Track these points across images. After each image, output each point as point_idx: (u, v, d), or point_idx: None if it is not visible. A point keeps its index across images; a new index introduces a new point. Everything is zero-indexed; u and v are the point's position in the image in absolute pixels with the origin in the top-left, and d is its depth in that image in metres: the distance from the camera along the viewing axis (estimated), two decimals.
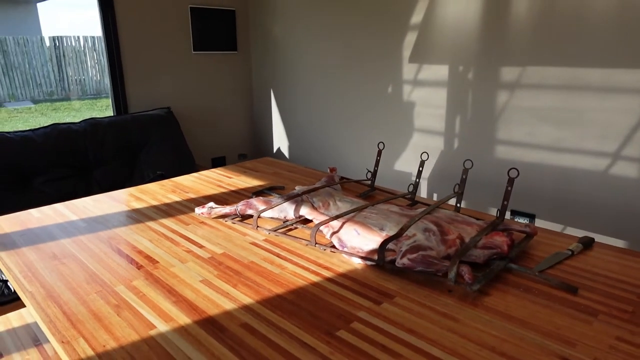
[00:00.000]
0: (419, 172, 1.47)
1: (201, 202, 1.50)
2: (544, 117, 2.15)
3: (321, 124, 3.18)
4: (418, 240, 1.04)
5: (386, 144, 2.73)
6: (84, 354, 0.77)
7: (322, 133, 3.18)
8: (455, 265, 0.93)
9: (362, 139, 2.90)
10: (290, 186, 1.65)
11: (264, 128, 3.66)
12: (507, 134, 2.27)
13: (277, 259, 1.10)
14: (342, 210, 1.28)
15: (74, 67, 8.81)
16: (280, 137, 3.54)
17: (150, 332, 0.83)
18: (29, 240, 1.21)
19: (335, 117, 3.06)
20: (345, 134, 3.01)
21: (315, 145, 3.25)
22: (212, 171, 1.89)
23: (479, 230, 1.11)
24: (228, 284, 0.98)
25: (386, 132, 2.76)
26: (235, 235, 1.24)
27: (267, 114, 3.59)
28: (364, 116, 2.88)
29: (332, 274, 1.03)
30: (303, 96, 3.27)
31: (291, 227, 1.28)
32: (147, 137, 2.74)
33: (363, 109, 2.87)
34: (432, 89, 2.52)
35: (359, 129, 2.92)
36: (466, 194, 2.39)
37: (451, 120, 2.46)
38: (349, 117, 2.97)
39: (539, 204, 2.22)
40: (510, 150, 2.27)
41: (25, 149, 2.34)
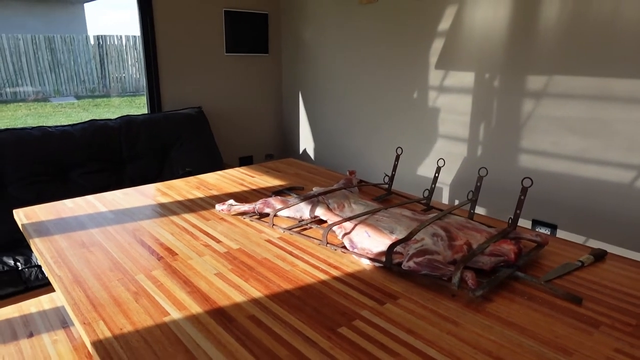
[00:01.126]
0: (435, 178, 1.48)
1: (223, 199, 1.54)
2: (570, 126, 2.12)
3: (346, 127, 3.20)
4: (425, 245, 1.04)
5: (410, 149, 2.73)
6: (102, 335, 0.82)
7: (346, 137, 3.20)
8: (460, 271, 0.94)
9: (386, 143, 2.90)
10: (309, 187, 1.67)
11: (291, 130, 3.71)
12: (531, 143, 2.24)
13: (289, 257, 1.12)
14: (355, 213, 1.29)
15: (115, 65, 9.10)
16: (307, 139, 3.58)
17: (164, 318, 0.87)
18: (61, 228, 1.28)
19: (361, 121, 3.08)
20: (370, 139, 3.02)
21: (339, 148, 3.27)
22: (236, 170, 1.92)
23: (488, 237, 1.11)
24: (240, 278, 1.01)
25: (410, 137, 2.76)
26: (251, 232, 1.26)
27: (295, 117, 3.63)
28: (389, 121, 2.88)
29: (340, 273, 1.05)
30: (330, 100, 3.30)
31: (306, 227, 1.30)
32: (178, 135, 2.82)
33: (388, 114, 2.88)
34: (457, 95, 2.51)
35: (383, 134, 2.93)
36: (487, 202, 2.37)
37: (475, 128, 2.44)
38: (375, 122, 2.98)
39: (561, 214, 2.19)
40: (534, 159, 2.24)
41: (65, 143, 2.45)
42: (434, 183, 1.48)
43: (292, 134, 3.71)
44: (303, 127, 3.59)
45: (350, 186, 1.52)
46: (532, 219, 2.27)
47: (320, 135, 3.46)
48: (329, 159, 3.35)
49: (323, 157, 3.45)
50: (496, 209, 2.37)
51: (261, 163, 2.08)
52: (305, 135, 3.58)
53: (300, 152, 3.66)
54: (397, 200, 1.56)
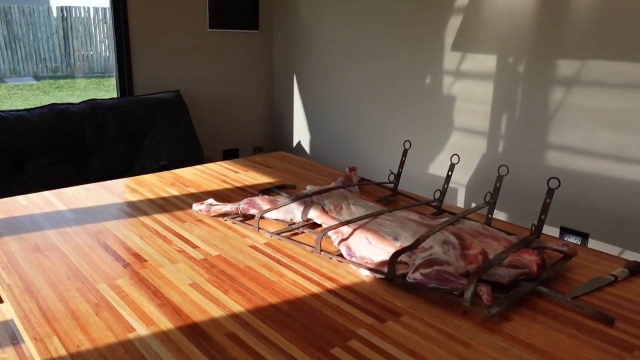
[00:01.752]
0: (448, 176, 1.48)
1: (201, 197, 1.54)
2: (604, 119, 2.12)
3: (347, 117, 3.20)
4: (434, 254, 1.04)
5: (420, 143, 2.73)
6: (57, 354, 0.82)
7: (347, 128, 3.20)
8: (473, 284, 0.94)
9: (392, 136, 2.90)
10: (302, 185, 1.68)
11: (284, 119, 3.70)
12: (560, 138, 2.25)
13: (276, 266, 1.12)
14: (354, 216, 1.30)
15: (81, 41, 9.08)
16: (302, 130, 3.58)
17: (129, 335, 0.87)
18: (12, 229, 1.28)
19: (364, 110, 3.08)
20: (374, 130, 3.03)
21: (338, 141, 3.27)
22: (218, 164, 1.93)
23: (507, 246, 1.11)
24: (219, 289, 1.01)
25: (420, 129, 2.76)
26: (233, 237, 1.27)
27: (288, 104, 3.63)
28: (396, 110, 2.88)
29: (335, 285, 1.05)
30: (329, 86, 3.30)
31: (296, 231, 1.30)
32: (152, 122, 2.81)
33: (396, 102, 2.88)
34: (476, 82, 2.51)
35: (389, 125, 2.93)
36: (508, 205, 2.37)
37: (496, 119, 2.45)
38: (380, 111, 2.98)
39: (593, 221, 2.19)
40: (562, 157, 2.25)
41: (20, 130, 2.45)
42: (446, 183, 1.48)
43: (284, 124, 3.71)
44: (297, 116, 3.59)
45: (350, 185, 1.52)
46: (559, 227, 2.27)
47: (316, 126, 3.46)
48: (326, 154, 3.35)
49: (319, 151, 3.45)
50: (518, 214, 2.37)
51: (248, 157, 2.09)
52: (300, 125, 3.58)
53: (293, 145, 3.66)
54: (403, 201, 1.56)
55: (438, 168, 2.69)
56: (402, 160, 1.63)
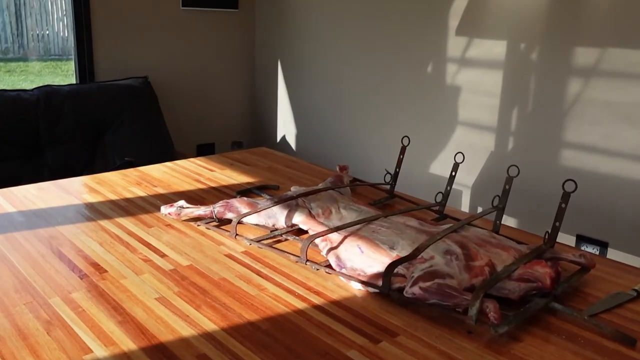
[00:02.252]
0: (451, 177, 1.48)
1: (171, 199, 1.53)
2: (628, 115, 2.14)
3: (339, 110, 3.20)
4: (435, 265, 1.04)
5: (420, 139, 2.74)
6: None
7: (339, 121, 3.20)
8: (479, 300, 0.94)
9: (389, 131, 2.91)
10: (286, 186, 1.67)
11: (267, 111, 3.70)
12: (577, 135, 2.26)
13: (255, 277, 1.12)
14: (345, 221, 1.30)
15: (36, 18, 9.00)
16: (287, 123, 3.57)
17: (85, 357, 0.85)
18: None
19: (358, 102, 3.08)
20: (368, 124, 3.03)
21: (329, 136, 3.27)
22: (190, 161, 1.93)
23: (517, 257, 1.11)
24: (190, 305, 1.01)
25: (421, 124, 2.77)
26: (207, 244, 1.26)
27: (272, 94, 3.62)
28: (394, 103, 2.89)
29: (323, 300, 1.04)
30: (319, 74, 3.29)
31: (279, 238, 1.30)
32: (116, 113, 2.80)
33: (394, 93, 2.88)
34: (483, 71, 2.52)
35: (387, 119, 2.93)
36: (518, 210, 2.38)
37: (506, 113, 2.46)
38: (375, 102, 2.98)
39: (614, 228, 2.21)
40: (580, 156, 2.26)
41: None
42: (449, 184, 1.48)
43: (267, 116, 3.70)
44: (282, 107, 3.58)
45: (340, 186, 1.52)
46: (575, 234, 2.29)
47: (304, 119, 3.45)
48: (315, 150, 3.35)
49: (307, 147, 3.44)
50: (529, 220, 2.38)
51: (225, 153, 2.08)
52: (285, 118, 3.57)
53: (277, 140, 3.65)
54: (400, 205, 1.56)
55: (440, 168, 2.70)
56: (400, 158, 1.63)
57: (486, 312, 0.94)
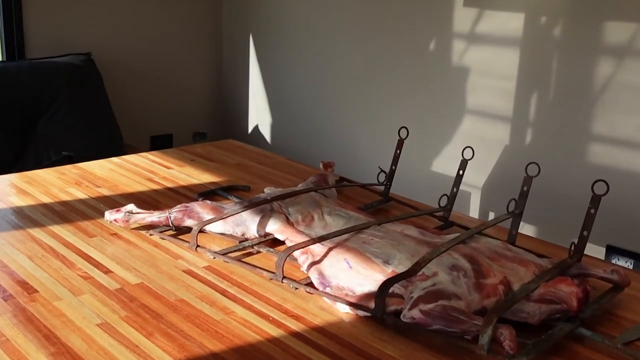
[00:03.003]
0: (459, 176, 1.48)
1: (118, 203, 1.52)
2: None
3: (324, 95, 3.19)
4: (439, 283, 1.04)
5: (420, 131, 2.74)
6: None
7: (323, 109, 3.19)
8: (491, 326, 0.93)
9: (384, 121, 2.91)
10: (259, 186, 1.67)
11: (237, 97, 3.68)
12: (607, 126, 2.28)
13: (221, 299, 1.11)
14: (330, 229, 1.29)
15: None
16: (260, 112, 3.56)
17: None
18: None
19: (347, 86, 3.07)
20: (360, 113, 3.02)
21: (311, 126, 3.26)
22: (142, 156, 1.92)
23: (537, 273, 1.11)
24: (140, 332, 0.99)
25: (422, 112, 2.77)
26: (162, 258, 1.25)
27: (243, 75, 3.61)
28: (391, 87, 2.89)
29: (303, 326, 1.04)
30: (300, 52, 3.28)
31: (250, 251, 1.30)
32: (52, 97, 2.77)
33: (390, 76, 2.88)
34: (496, 49, 2.53)
35: (381, 107, 2.93)
36: (538, 217, 2.39)
37: (523, 100, 2.47)
38: (369, 87, 2.98)
39: None
40: (612, 152, 2.28)
41: None
42: (456, 185, 1.48)
43: (237, 102, 3.69)
44: (255, 93, 3.57)
45: (324, 187, 1.51)
46: (606, 245, 2.30)
47: (281, 106, 3.44)
48: (294, 144, 3.34)
49: (284, 139, 3.43)
50: (552, 229, 2.39)
51: (186, 146, 2.07)
52: (259, 105, 3.56)
53: (248, 131, 3.64)
54: (397, 210, 1.55)
55: (445, 165, 2.70)
56: (397, 153, 1.63)
57: (500, 340, 0.94)
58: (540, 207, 2.38)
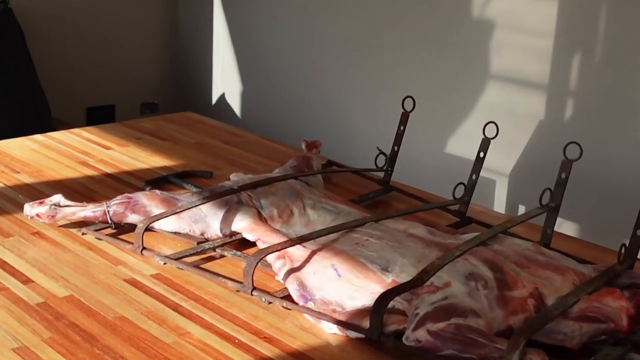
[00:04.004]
0: (479, 160, 1.47)
1: (41, 192, 1.52)
2: None
3: (310, 56, 3.18)
4: (453, 297, 1.04)
5: (432, 103, 2.74)
6: None
7: (309, 74, 3.19)
8: (518, 350, 0.93)
9: (385, 91, 2.90)
10: (224, 172, 1.67)
11: (197, 57, 3.67)
12: None
13: (173, 316, 1.11)
14: (314, 228, 1.29)
15: None
16: (228, 77, 3.55)
17: None
18: None
19: (339, 45, 3.06)
20: (354, 79, 3.02)
21: (293, 96, 3.25)
22: (74, 133, 1.92)
23: (577, 283, 1.11)
24: (68, 359, 0.99)
25: (432, 80, 2.77)
26: (97, 264, 1.25)
27: (204, 32, 3.59)
28: (393, 48, 2.88)
29: (278, 351, 1.03)
30: (277, 2, 3.27)
31: (212, 254, 1.30)
32: None
33: (388, 32, 2.87)
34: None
35: (381, 72, 2.92)
36: (579, 212, 2.40)
37: (562, 63, 2.47)
38: (366, 46, 2.97)
39: None
40: None
41: None
42: (476, 171, 1.48)
43: (196, 66, 3.68)
44: (221, 54, 3.55)
45: (307, 173, 1.52)
46: None
47: (254, 71, 3.43)
48: (270, 118, 3.34)
49: (258, 112, 3.43)
50: (597, 227, 2.40)
51: (130, 120, 2.10)
52: (225, 68, 3.55)
53: (212, 102, 3.63)
54: (400, 203, 1.56)
55: (462, 145, 2.70)
56: (401, 130, 1.63)
57: None
58: (583, 199, 2.39)
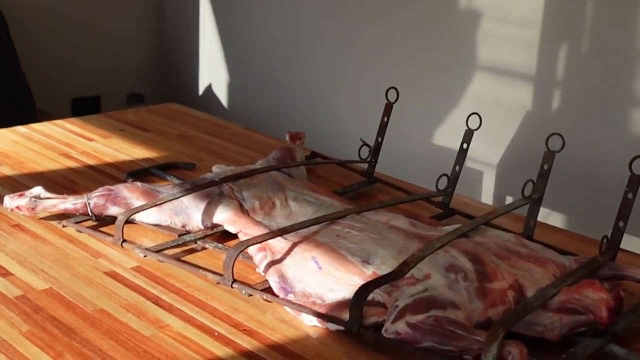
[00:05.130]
0: (462, 151, 1.47)
1: (21, 185, 1.52)
2: None
3: (295, 46, 3.18)
4: (433, 289, 1.04)
5: (417, 93, 2.73)
6: None
7: (294, 64, 3.18)
8: (497, 342, 0.93)
9: (368, 81, 2.90)
10: (207, 164, 1.67)
11: (183, 48, 3.66)
12: None
13: (153, 309, 1.11)
14: (296, 220, 1.30)
15: None
16: (214, 68, 3.54)
17: None
18: None
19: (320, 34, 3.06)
20: (338, 70, 3.01)
21: (278, 87, 3.25)
22: (57, 124, 1.92)
23: (558, 275, 1.11)
24: (46, 352, 0.99)
25: (417, 70, 2.76)
26: (77, 256, 1.25)
27: (191, 22, 3.58)
28: (377, 37, 2.88)
29: (257, 344, 1.04)
30: None
31: (192, 246, 1.30)
32: None
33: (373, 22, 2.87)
34: None
35: (365, 62, 2.92)
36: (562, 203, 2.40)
37: (549, 53, 2.47)
38: (350, 36, 2.96)
39: None
40: None
41: None
42: (459, 163, 1.48)
43: (183, 57, 3.67)
44: (207, 43, 3.54)
45: (290, 164, 1.52)
46: None
47: (240, 61, 3.42)
48: (255, 109, 3.34)
49: (244, 104, 3.42)
50: (580, 218, 2.40)
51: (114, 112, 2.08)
52: (212, 59, 3.54)
53: (198, 93, 3.62)
54: (383, 195, 1.56)
55: (448, 137, 2.70)
56: (384, 121, 1.63)
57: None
58: (569, 190, 2.39)
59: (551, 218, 2.43)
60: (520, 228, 1.38)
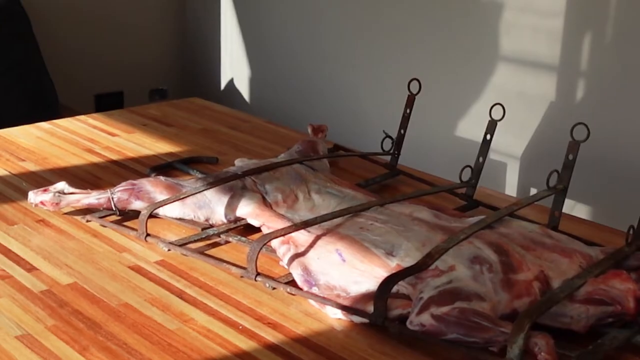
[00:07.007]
0: (486, 142, 1.47)
1: (46, 180, 1.51)
2: None
3: (317, 41, 3.17)
4: (458, 280, 1.04)
5: (439, 85, 2.72)
6: None
7: (316, 58, 3.18)
8: (523, 333, 0.93)
9: (391, 73, 2.89)
10: (230, 158, 1.67)
11: (206, 43, 3.66)
12: None
13: (177, 302, 1.11)
14: (319, 212, 1.29)
15: None
16: (237, 62, 3.54)
17: None
18: None
19: (342, 28, 3.05)
20: (360, 63, 3.01)
21: (301, 80, 3.25)
22: (80, 120, 1.92)
23: (584, 266, 1.10)
24: (71, 346, 0.99)
25: (439, 62, 2.75)
26: (101, 251, 1.26)
27: (213, 17, 3.59)
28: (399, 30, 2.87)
29: (282, 337, 1.04)
30: None
31: (216, 240, 1.30)
32: None
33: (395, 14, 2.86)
34: None
35: (387, 55, 2.91)
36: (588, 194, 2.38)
37: (573, 43, 2.45)
38: (372, 29, 2.96)
39: None
40: None
41: None
42: (482, 154, 1.48)
43: (205, 52, 3.67)
44: (229, 39, 3.55)
45: (313, 157, 1.52)
46: None
47: (262, 56, 3.42)
48: (278, 103, 3.34)
49: (267, 98, 3.42)
50: (607, 209, 2.39)
51: (137, 107, 2.09)
52: (234, 55, 3.54)
53: (220, 88, 3.63)
54: (406, 187, 1.55)
55: (471, 128, 2.69)
56: (407, 113, 1.63)
57: (535, 353, 0.93)
58: (594, 181, 2.38)
59: (576, 209, 2.42)
60: (545, 219, 1.37)
